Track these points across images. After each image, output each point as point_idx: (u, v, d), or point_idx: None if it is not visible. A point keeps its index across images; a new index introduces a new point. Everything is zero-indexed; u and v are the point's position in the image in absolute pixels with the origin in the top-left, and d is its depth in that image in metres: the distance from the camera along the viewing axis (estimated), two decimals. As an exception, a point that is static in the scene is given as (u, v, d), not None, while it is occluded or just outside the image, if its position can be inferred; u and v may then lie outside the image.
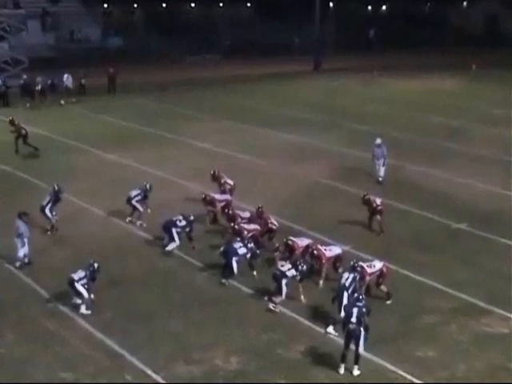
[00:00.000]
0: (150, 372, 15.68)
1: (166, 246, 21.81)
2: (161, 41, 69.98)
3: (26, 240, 20.75)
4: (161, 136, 37.27)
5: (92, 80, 49.28)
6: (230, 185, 25.59)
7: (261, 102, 46.89)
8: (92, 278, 18.28)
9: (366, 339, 15.49)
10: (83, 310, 18.03)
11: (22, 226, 20.75)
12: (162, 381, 15.37)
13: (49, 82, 47.26)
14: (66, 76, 47.89)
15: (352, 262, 18.33)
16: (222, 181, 25.53)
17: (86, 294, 17.98)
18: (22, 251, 20.78)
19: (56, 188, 23.50)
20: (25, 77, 47.38)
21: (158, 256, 21.83)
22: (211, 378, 15.48)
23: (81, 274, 18.07)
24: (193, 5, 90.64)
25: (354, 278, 17.84)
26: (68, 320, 18.02)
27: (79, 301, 18.06)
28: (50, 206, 23.18)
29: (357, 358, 15.34)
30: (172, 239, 21.60)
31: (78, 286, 17.89)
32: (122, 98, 47.55)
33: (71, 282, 17.91)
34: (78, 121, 41.54)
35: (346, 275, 17.90)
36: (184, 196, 26.74)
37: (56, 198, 23.38)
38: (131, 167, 31.19)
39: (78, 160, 32.63)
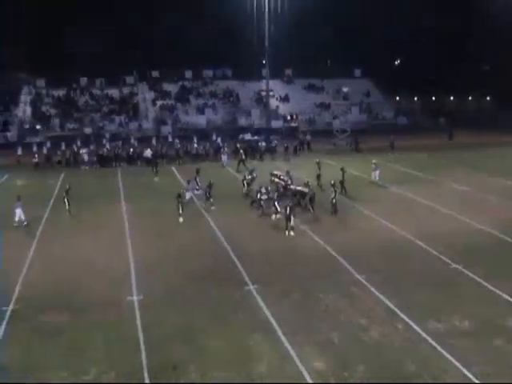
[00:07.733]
0: (412, 324, 15.46)
1: None
2: (429, 120, 68.58)
3: None
4: (425, 179, 34.73)
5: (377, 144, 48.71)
6: None
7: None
8: None
9: None
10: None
11: None
12: (420, 331, 14.97)
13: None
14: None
15: None
16: None
17: None
18: None
19: None
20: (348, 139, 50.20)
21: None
22: (450, 333, 14.83)
23: None
24: (451, 98, 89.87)
25: None
26: (364, 288, 18.06)
27: None
28: None
29: None
30: None
31: None
32: (400, 155, 44.91)
33: None
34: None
35: None
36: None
37: None
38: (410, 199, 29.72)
39: (379, 194, 31.59)
